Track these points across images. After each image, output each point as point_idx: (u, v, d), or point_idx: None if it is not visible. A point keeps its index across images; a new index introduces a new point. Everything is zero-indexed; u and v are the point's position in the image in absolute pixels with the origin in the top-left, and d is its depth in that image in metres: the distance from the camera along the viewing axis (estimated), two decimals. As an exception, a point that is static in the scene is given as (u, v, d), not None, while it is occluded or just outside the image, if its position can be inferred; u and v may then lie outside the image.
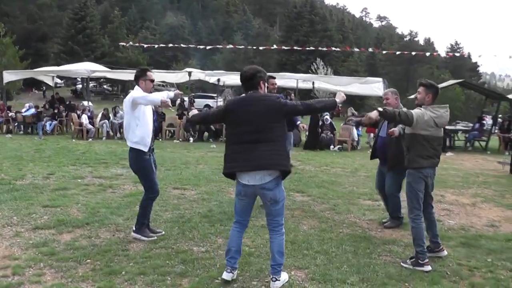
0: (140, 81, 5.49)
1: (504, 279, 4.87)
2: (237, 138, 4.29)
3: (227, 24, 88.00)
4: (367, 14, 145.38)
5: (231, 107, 4.37)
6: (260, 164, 4.20)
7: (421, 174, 5.19)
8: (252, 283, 4.47)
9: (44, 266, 4.63)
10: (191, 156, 13.04)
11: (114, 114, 17.36)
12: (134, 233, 5.62)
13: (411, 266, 5.08)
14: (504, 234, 6.52)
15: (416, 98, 5.26)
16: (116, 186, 8.38)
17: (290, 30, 73.48)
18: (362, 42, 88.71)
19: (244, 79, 4.34)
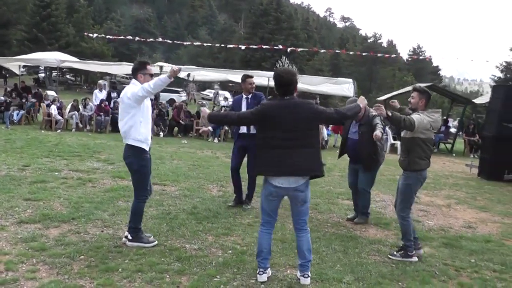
0: (138, 74, 5.14)
1: (490, 279, 5.08)
2: (274, 142, 4.28)
3: (192, 19, 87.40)
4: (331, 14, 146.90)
5: (269, 111, 4.31)
6: (297, 170, 4.29)
7: (420, 177, 5.47)
8: (251, 281, 4.50)
9: (37, 262, 4.52)
10: (164, 151, 12.91)
11: (84, 106, 16.98)
12: (130, 243, 5.18)
13: (400, 258, 5.41)
14: (482, 236, 6.77)
15: (410, 102, 5.42)
16: (95, 180, 8.22)
17: (255, 27, 73.49)
18: (326, 42, 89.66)
19: (282, 84, 4.33)
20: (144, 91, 4.86)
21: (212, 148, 14.81)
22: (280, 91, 4.34)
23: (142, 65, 5.25)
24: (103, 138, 14.82)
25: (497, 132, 11.88)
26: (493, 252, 6.05)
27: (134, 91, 4.94)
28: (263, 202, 4.54)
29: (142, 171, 5.21)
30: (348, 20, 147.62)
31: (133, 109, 5.01)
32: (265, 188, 4.45)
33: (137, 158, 5.14)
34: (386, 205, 8.38)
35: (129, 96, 4.99)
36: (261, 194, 4.56)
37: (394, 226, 6.93)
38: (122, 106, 5.14)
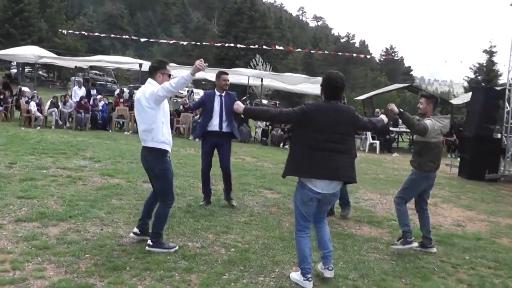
0: (157, 74, 4.91)
1: (487, 275, 5.25)
2: (315, 145, 4.28)
3: (165, 16, 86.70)
4: (303, 13, 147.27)
5: (314, 112, 4.30)
6: (339, 175, 4.36)
7: (428, 177, 5.81)
8: (259, 279, 4.53)
9: (43, 261, 4.46)
10: (148, 149, 12.80)
11: (64, 102, 16.70)
12: (151, 248, 4.94)
13: (401, 246, 5.67)
14: (472, 234, 6.96)
15: (419, 108, 5.67)
16: (85, 178, 8.12)
17: (229, 25, 73.37)
18: (299, 41, 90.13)
19: (336, 89, 4.38)
20: (165, 91, 4.69)
21: (194, 146, 14.72)
22: (331, 95, 4.37)
23: (162, 64, 5.02)
24: (84, 135, 14.63)
25: (477, 133, 12.20)
26: (485, 249, 6.23)
27: (153, 91, 4.74)
28: (300, 208, 4.47)
29: (166, 175, 5.00)
30: (320, 20, 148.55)
31: (153, 110, 4.80)
32: (303, 194, 4.39)
33: (158, 161, 4.94)
34: (375, 203, 8.52)
35: (147, 96, 4.78)
36: (297, 200, 4.49)
37: (387, 225, 7.08)
38: (140, 107, 4.88)
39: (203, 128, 7.26)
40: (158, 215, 5.07)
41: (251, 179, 9.72)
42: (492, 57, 44.62)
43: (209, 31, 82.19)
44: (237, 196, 7.91)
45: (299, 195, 4.43)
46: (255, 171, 10.84)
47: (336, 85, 4.37)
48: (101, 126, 17.00)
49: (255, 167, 11.51)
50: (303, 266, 4.43)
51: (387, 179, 11.47)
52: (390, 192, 9.69)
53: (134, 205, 6.73)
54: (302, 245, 4.50)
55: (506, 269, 5.52)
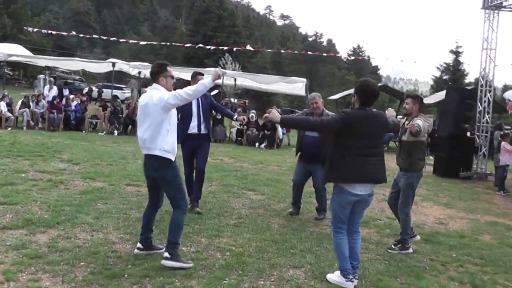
0: (160, 78, 4.72)
1: (475, 272, 5.41)
2: (355, 150, 4.43)
3: (133, 14, 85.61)
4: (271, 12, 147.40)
5: (354, 120, 4.42)
6: (376, 177, 4.55)
7: (420, 175, 5.92)
8: (259, 283, 4.53)
9: (37, 271, 4.33)
10: (124, 151, 12.63)
11: (36, 102, 16.27)
12: (168, 262, 4.60)
13: (398, 251, 5.78)
14: (455, 231, 7.14)
15: (405, 108, 5.74)
16: (66, 182, 7.93)
17: (198, 24, 72.82)
18: (266, 40, 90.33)
19: (373, 96, 4.51)
20: (178, 99, 4.54)
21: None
22: (366, 101, 4.50)
23: (162, 67, 4.82)
24: (58, 136, 14.28)
25: (452, 132, 12.46)
26: (470, 247, 6.40)
27: (162, 97, 4.55)
28: (337, 211, 4.61)
29: (177, 181, 4.79)
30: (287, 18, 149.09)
31: (160, 116, 4.59)
32: (342, 197, 4.52)
33: (168, 168, 4.71)
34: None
35: (155, 102, 4.57)
36: (335, 205, 4.62)
37: (373, 224, 7.18)
38: (146, 113, 4.68)
39: (183, 132, 6.91)
40: (175, 223, 4.76)
41: (233, 180, 9.69)
42: (458, 57, 45.67)
43: (177, 29, 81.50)
44: (222, 198, 7.91)
45: (337, 199, 4.58)
46: (235, 172, 10.82)
47: (373, 92, 4.52)
48: (74, 127, 16.65)
49: (235, 167, 11.49)
50: (345, 267, 4.56)
51: (365, 178, 11.59)
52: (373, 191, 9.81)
53: (120, 209, 6.63)
54: (342, 247, 4.62)
55: (492, 265, 5.70)
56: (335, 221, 4.66)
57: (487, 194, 10.91)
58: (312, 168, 7.22)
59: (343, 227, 4.64)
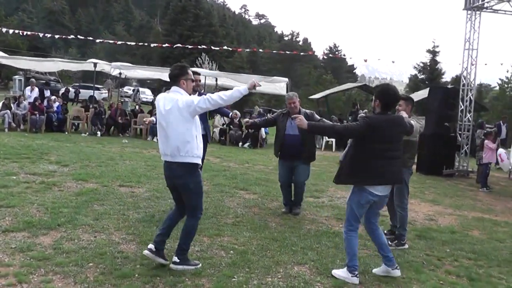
0: (181, 80, 4.57)
1: (470, 266, 5.60)
2: (379, 154, 4.59)
3: (107, 13, 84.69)
4: (246, 11, 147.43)
5: (377, 125, 4.56)
6: (396, 179, 4.79)
7: (411, 171, 6.32)
8: (267, 279, 4.63)
9: (47, 272, 4.34)
10: (111, 152, 12.58)
11: (17, 104, 16.04)
12: (178, 266, 4.63)
13: (394, 247, 5.96)
14: (446, 227, 7.35)
15: (398, 109, 5.94)
16: (59, 184, 7.89)
17: (174, 24, 72.45)
18: (242, 39, 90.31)
19: (395, 100, 4.80)
20: (211, 104, 4.41)
21: (154, 147, 14.59)
22: (388, 106, 4.68)
23: (183, 69, 4.66)
24: (41, 138, 14.09)
25: (436, 131, 12.74)
26: (461, 242, 6.60)
27: (191, 101, 4.43)
28: (355, 210, 4.75)
29: (199, 189, 4.67)
30: (263, 18, 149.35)
31: (188, 122, 4.45)
32: (362, 197, 4.68)
33: (192, 176, 4.57)
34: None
35: (181, 106, 4.40)
36: (353, 203, 4.76)
37: (366, 221, 7.30)
38: (170, 119, 4.47)
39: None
40: (188, 231, 4.73)
41: (223, 180, 9.75)
42: (435, 57, 46.39)
43: (153, 29, 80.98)
44: (216, 198, 7.99)
45: (356, 198, 4.71)
46: (223, 171, 10.88)
47: (394, 97, 4.74)
48: (57, 128, 16.46)
49: (222, 167, 11.55)
50: (353, 263, 4.73)
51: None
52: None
53: (118, 210, 6.64)
54: (353, 244, 4.78)
55: (484, 259, 5.90)
56: (349, 219, 4.80)
57: (470, 191, 11.21)
58: (294, 165, 7.36)
59: (356, 225, 4.82)
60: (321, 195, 9.03)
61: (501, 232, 7.35)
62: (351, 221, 4.79)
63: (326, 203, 8.38)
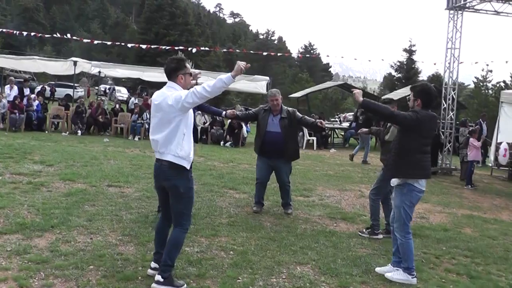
0: (179, 76, 4.22)
1: (468, 264, 5.66)
2: (421, 148, 4.81)
3: (82, 11, 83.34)
4: (221, 10, 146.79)
5: (424, 120, 4.72)
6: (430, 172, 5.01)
7: None
8: (272, 280, 4.59)
9: (47, 276, 4.20)
10: (93, 151, 12.36)
11: (-5, 103, 15.67)
12: (159, 285, 4.11)
13: (367, 235, 6.33)
14: (438, 225, 7.43)
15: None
16: (47, 184, 7.70)
17: (150, 22, 71.72)
18: (217, 38, 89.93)
19: (435, 98, 4.95)
20: (197, 97, 4.00)
21: (136, 146, 14.43)
22: (429, 104, 4.82)
23: (181, 63, 4.27)
24: (21, 137, 13.77)
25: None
26: (455, 239, 6.67)
27: (179, 97, 4.06)
28: (408, 211, 4.92)
29: (189, 195, 4.29)
30: (237, 16, 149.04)
31: (176, 118, 4.12)
32: (413, 197, 4.88)
33: (182, 178, 4.21)
34: (338, 200, 8.79)
35: (171, 103, 4.08)
36: (405, 205, 4.89)
37: (359, 220, 7.37)
38: (160, 114, 4.19)
39: None
40: (174, 243, 4.26)
41: (210, 179, 9.66)
42: (412, 56, 47.01)
43: (129, 27, 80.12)
44: (206, 198, 7.90)
45: (407, 199, 4.85)
46: (209, 170, 10.78)
47: (435, 95, 4.90)
48: (36, 127, 16.11)
49: (208, 166, 11.44)
50: (412, 265, 4.86)
51: (337, 175, 11.81)
52: (347, 188, 10.06)
53: (110, 211, 6.50)
54: (412, 247, 4.95)
55: (481, 257, 5.98)
56: (405, 222, 4.93)
57: (455, 188, 11.36)
58: (274, 164, 7.32)
59: (409, 226, 4.96)
60: (311, 194, 9.01)
61: (492, 229, 7.45)
62: (407, 223, 4.94)
63: (317, 202, 8.38)
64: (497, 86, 36.02)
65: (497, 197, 10.92)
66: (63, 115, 16.98)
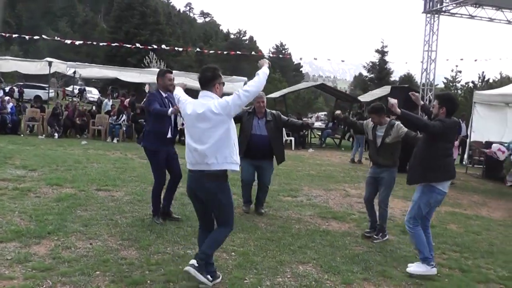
0: (215, 84, 4.22)
1: (458, 259, 5.89)
2: (447, 152, 5.15)
3: (49, 9, 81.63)
4: (191, 9, 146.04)
5: (450, 127, 5.05)
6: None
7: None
8: (278, 280, 4.67)
9: (55, 283, 4.18)
10: (75, 154, 12.21)
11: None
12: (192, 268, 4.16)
13: (381, 239, 6.40)
14: (425, 222, 7.54)
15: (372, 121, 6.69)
16: (34, 189, 7.58)
17: (120, 21, 70.91)
18: (188, 37, 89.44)
19: (458, 107, 5.16)
20: (245, 97, 4.08)
21: (116, 149, 14.31)
22: (452, 111, 5.08)
23: (216, 72, 4.28)
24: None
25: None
26: (443, 235, 6.88)
27: (225, 102, 4.08)
28: (423, 209, 5.17)
29: (231, 201, 4.39)
30: (208, 16, 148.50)
31: (224, 125, 4.09)
32: (432, 197, 5.13)
33: (224, 189, 4.30)
34: (325, 199, 8.93)
35: (217, 111, 4.05)
36: (421, 203, 5.15)
37: (350, 219, 7.50)
38: (204, 124, 4.11)
39: (160, 136, 6.36)
40: (217, 239, 4.37)
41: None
42: (384, 56, 47.75)
43: (98, 26, 79.08)
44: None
45: (426, 198, 5.10)
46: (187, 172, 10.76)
47: (457, 105, 5.18)
48: (10, 130, 15.78)
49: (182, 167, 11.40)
50: (427, 255, 5.09)
51: (319, 175, 11.95)
52: (331, 187, 10.21)
53: (104, 215, 6.47)
54: (422, 236, 5.18)
55: (469, 251, 6.20)
56: (415, 216, 5.18)
57: (435, 185, 11.60)
58: (259, 164, 7.37)
59: (419, 221, 5.19)
60: (298, 194, 9.12)
61: (475, 225, 7.70)
62: (416, 218, 5.18)
63: (305, 202, 8.49)
64: (466, 86, 36.99)
65: (475, 194, 11.26)
66: (39, 118, 16.68)
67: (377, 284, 4.77)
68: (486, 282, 5.11)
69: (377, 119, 6.48)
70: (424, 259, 5.09)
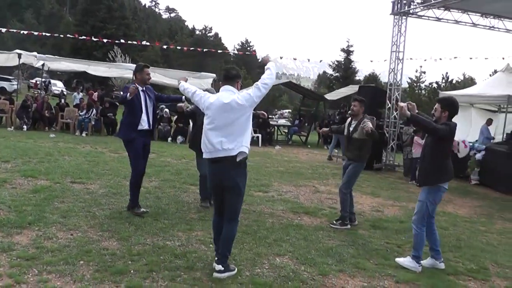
0: (238, 81, 4.76)
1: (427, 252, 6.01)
2: (448, 153, 5.46)
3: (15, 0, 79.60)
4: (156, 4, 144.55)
5: (453, 130, 5.26)
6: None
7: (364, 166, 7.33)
8: (257, 270, 4.87)
9: (40, 272, 4.27)
10: (45, 147, 12.12)
11: None
12: (222, 274, 4.57)
13: (339, 226, 6.89)
14: (393, 217, 7.97)
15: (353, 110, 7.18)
16: (9, 181, 7.58)
17: (86, 15, 69.68)
18: (154, 33, 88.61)
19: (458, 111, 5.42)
20: (265, 88, 4.64)
21: (86, 142, 14.24)
22: (453, 115, 5.35)
23: (239, 72, 4.90)
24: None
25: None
26: (411, 230, 7.12)
27: (248, 95, 4.56)
28: (430, 208, 5.44)
29: (244, 190, 4.76)
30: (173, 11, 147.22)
31: (246, 114, 4.58)
32: (437, 196, 5.44)
33: (243, 176, 4.69)
34: (296, 195, 9.17)
35: (242, 102, 4.52)
36: (428, 202, 5.41)
37: (321, 214, 7.75)
38: (228, 114, 4.54)
39: (134, 127, 6.55)
40: (231, 237, 4.77)
41: (169, 175, 9.82)
42: (349, 56, 48.50)
43: (64, 18, 77.49)
44: (171, 193, 8.09)
45: (432, 197, 5.39)
46: (166, 167, 10.91)
47: (458, 109, 5.43)
48: (-22, 123, 15.51)
49: (162, 163, 11.54)
50: (420, 254, 5.44)
51: (288, 171, 12.19)
52: (301, 183, 10.46)
53: (82, 207, 6.56)
54: (424, 237, 5.50)
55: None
56: (424, 216, 5.44)
57: (401, 183, 12.04)
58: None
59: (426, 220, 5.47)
60: (268, 190, 9.33)
61: (443, 221, 8.05)
62: (425, 217, 5.45)
63: (276, 197, 8.70)
64: (429, 86, 37.99)
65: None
66: (8, 110, 16.41)
67: (352, 275, 5.02)
68: (456, 274, 5.42)
69: (357, 108, 6.98)
70: (417, 257, 5.42)
